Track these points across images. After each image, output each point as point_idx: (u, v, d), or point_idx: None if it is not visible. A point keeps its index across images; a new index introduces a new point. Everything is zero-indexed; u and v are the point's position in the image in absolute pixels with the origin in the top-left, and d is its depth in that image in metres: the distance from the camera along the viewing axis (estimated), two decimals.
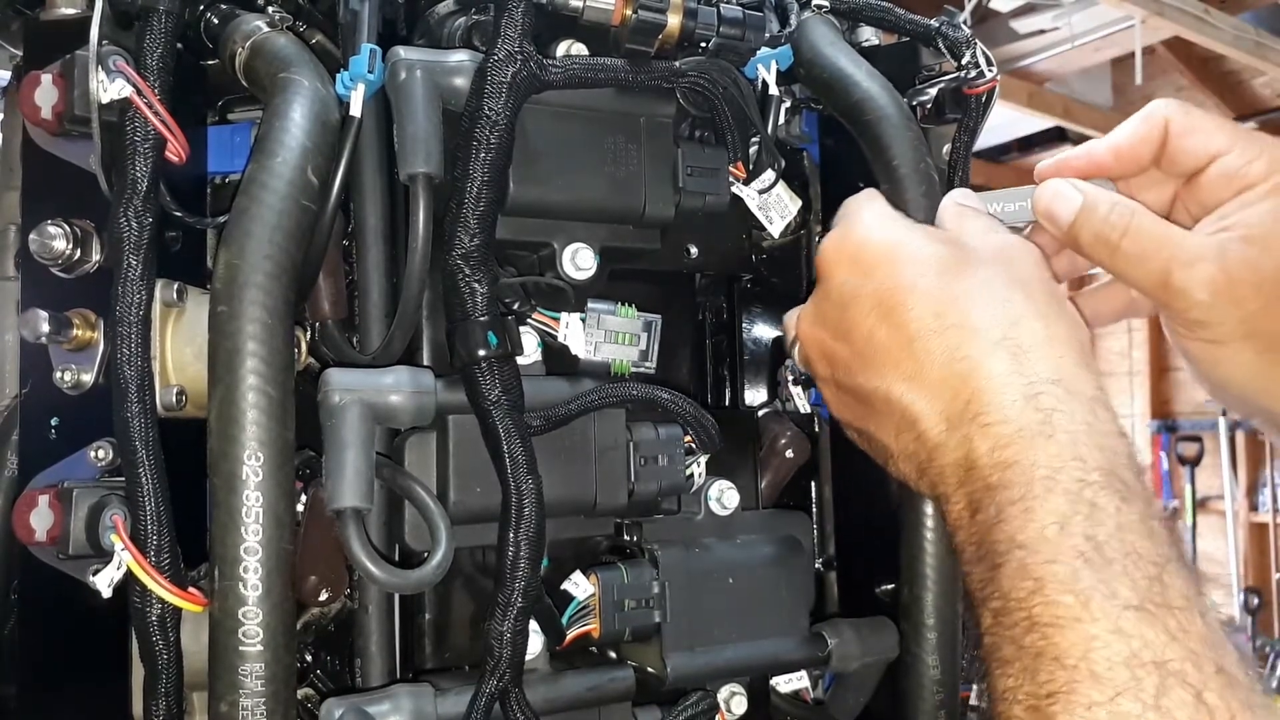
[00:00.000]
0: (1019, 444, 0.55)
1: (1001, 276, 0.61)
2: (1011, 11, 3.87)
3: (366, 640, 0.68)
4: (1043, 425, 0.55)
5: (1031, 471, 0.54)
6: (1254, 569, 5.96)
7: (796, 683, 0.84)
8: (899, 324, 0.62)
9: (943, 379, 0.60)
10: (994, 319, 0.59)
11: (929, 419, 0.60)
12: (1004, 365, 0.58)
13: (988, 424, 0.57)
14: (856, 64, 0.73)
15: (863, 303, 0.64)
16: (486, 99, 0.64)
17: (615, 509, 0.72)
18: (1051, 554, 0.52)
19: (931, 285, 0.61)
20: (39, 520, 0.64)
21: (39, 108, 0.65)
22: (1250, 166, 0.63)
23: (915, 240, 0.64)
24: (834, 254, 0.66)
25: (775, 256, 0.90)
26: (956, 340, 0.60)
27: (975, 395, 0.58)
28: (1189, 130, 0.66)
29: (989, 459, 0.56)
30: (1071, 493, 0.53)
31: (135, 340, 0.62)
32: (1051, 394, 0.56)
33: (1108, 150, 0.68)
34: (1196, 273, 0.62)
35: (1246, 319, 0.62)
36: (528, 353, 0.72)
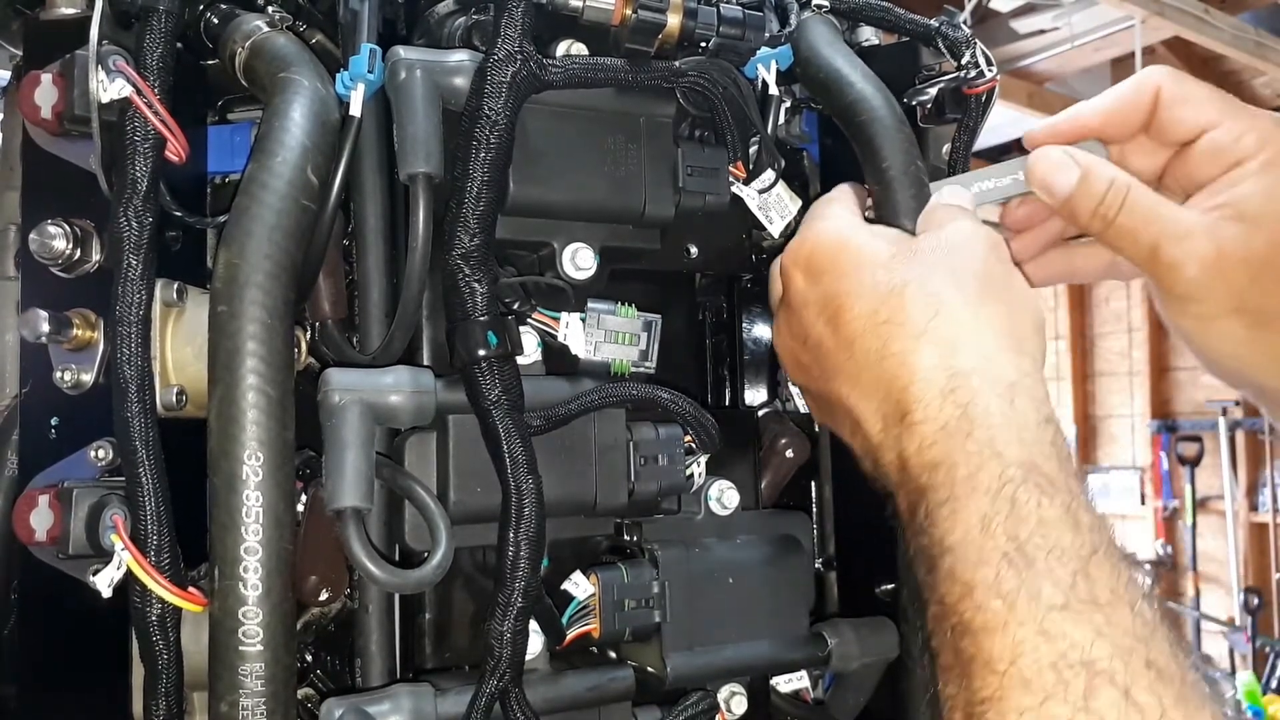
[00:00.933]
0: (941, 442, 0.56)
1: (937, 269, 0.61)
2: (1011, 11, 3.88)
3: (366, 640, 0.68)
4: (960, 421, 0.56)
5: (954, 472, 0.55)
6: (1254, 569, 5.96)
7: (796, 683, 0.84)
8: (840, 326, 0.63)
9: (876, 378, 0.60)
10: (920, 312, 0.59)
11: (869, 420, 0.61)
12: (928, 359, 0.58)
13: (913, 423, 0.57)
14: (852, 65, 0.73)
15: (812, 309, 0.65)
16: (486, 99, 0.64)
17: (615, 509, 0.72)
18: (977, 556, 0.52)
19: (868, 284, 0.62)
20: (39, 520, 0.64)
21: (39, 107, 0.65)
22: (1240, 142, 0.63)
23: (859, 241, 0.64)
24: (790, 262, 0.67)
25: (775, 256, 0.90)
26: (886, 337, 0.60)
27: (903, 393, 0.58)
28: (1180, 100, 0.66)
29: (917, 459, 0.57)
30: (991, 491, 0.53)
31: (135, 340, 0.62)
32: (967, 386, 0.56)
33: (1097, 113, 0.68)
34: (1187, 248, 0.62)
35: (1235, 294, 0.63)
36: (528, 353, 0.72)
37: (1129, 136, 0.68)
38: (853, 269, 0.63)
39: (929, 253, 0.62)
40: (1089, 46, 4.02)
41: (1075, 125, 0.68)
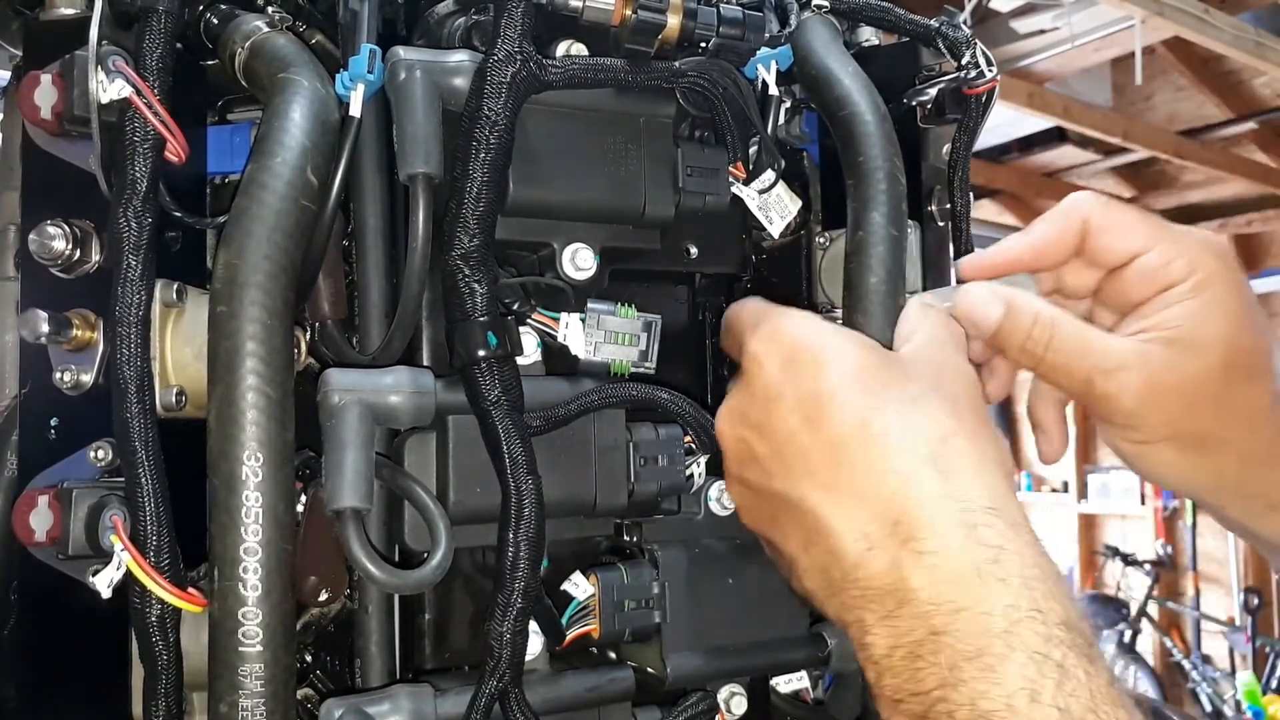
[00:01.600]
0: (966, 583, 0.51)
1: (931, 393, 0.59)
2: (1011, 11, 3.88)
3: (366, 640, 0.68)
4: (992, 565, 0.51)
5: (986, 622, 0.50)
6: (1254, 569, 5.97)
7: (796, 683, 0.84)
8: (821, 428, 0.58)
9: (864, 491, 0.56)
10: (921, 434, 0.56)
11: (847, 534, 0.56)
12: (934, 486, 0.54)
13: (922, 553, 0.53)
14: (843, 62, 0.73)
15: (786, 402, 0.60)
16: (486, 99, 0.64)
17: (615, 509, 0.72)
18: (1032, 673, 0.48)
19: (857, 393, 0.58)
20: (39, 520, 0.64)
21: (38, 108, 0.65)
22: (1170, 266, 0.63)
23: (847, 346, 0.61)
24: (763, 350, 0.63)
25: (775, 256, 0.90)
26: (881, 451, 0.56)
27: (905, 516, 0.54)
28: (1108, 228, 0.66)
29: (929, 594, 0.52)
30: (1038, 654, 0.49)
31: (135, 340, 0.62)
32: (994, 526, 0.53)
33: (1027, 247, 0.68)
34: (1121, 380, 0.62)
35: (1169, 422, 0.63)
36: (527, 353, 0.72)
37: (1060, 264, 0.68)
38: (840, 371, 0.59)
39: (920, 378, 0.60)
40: (1089, 46, 4.02)
41: (1007, 258, 0.68)
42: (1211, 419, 0.63)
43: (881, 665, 0.53)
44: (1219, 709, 5.43)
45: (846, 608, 0.56)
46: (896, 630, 0.53)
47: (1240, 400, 0.63)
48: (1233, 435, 0.64)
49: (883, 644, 0.53)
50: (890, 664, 0.53)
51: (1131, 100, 5.36)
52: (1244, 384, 0.63)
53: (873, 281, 0.66)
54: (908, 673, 0.52)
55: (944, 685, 0.50)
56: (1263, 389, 0.64)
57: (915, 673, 0.51)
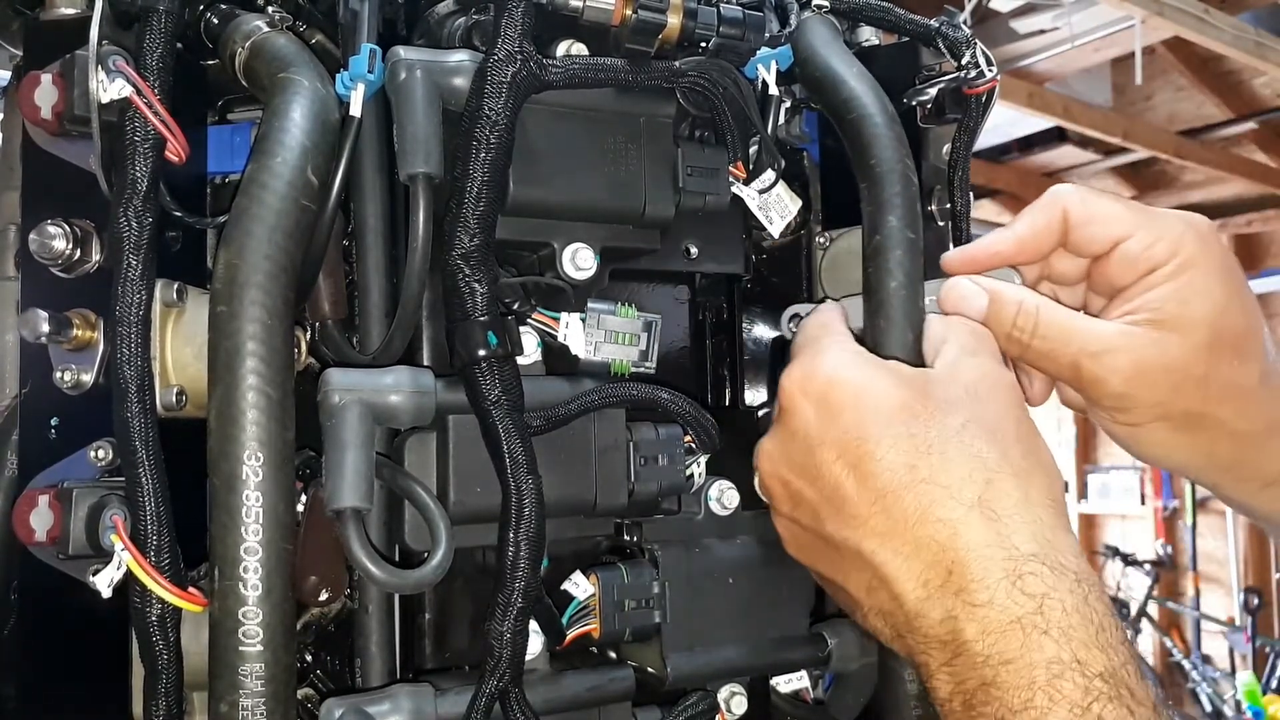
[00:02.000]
0: (1013, 636, 0.53)
1: (974, 425, 0.59)
2: (1011, 11, 3.88)
3: (366, 640, 0.68)
4: (1035, 617, 0.53)
5: (1031, 674, 0.52)
6: (1254, 569, 5.97)
7: (796, 683, 0.84)
8: (867, 475, 0.59)
9: (918, 541, 0.57)
10: (966, 476, 0.57)
11: (906, 582, 0.57)
12: (982, 534, 0.56)
13: (974, 605, 0.55)
14: (847, 63, 0.73)
15: (829, 449, 0.61)
16: (486, 99, 0.64)
17: (615, 509, 0.72)
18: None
19: (900, 434, 0.59)
20: (39, 520, 0.64)
21: (39, 107, 0.65)
22: (1152, 250, 0.65)
23: (883, 384, 0.61)
24: (799, 391, 0.63)
25: (775, 256, 0.90)
26: (929, 499, 0.57)
27: (957, 566, 0.56)
28: (1089, 219, 0.67)
29: (981, 646, 0.54)
30: (1078, 707, 0.51)
31: (135, 340, 0.62)
32: (1038, 574, 0.54)
33: (1010, 241, 0.69)
34: (1107, 363, 0.63)
35: (1158, 402, 0.64)
36: (528, 353, 0.72)
37: (1043, 257, 0.70)
38: (877, 413, 0.60)
39: (960, 406, 0.60)
40: (1089, 46, 4.02)
41: (990, 253, 0.69)
42: (1200, 398, 0.64)
43: (945, 709, 0.56)
44: (1219, 709, 5.43)
45: (912, 651, 0.59)
46: (955, 677, 0.55)
47: (1228, 379, 0.64)
48: (1222, 414, 0.65)
49: (945, 689, 0.56)
50: (951, 708, 0.56)
51: (1131, 100, 5.36)
52: (1231, 363, 0.64)
53: (893, 286, 0.67)
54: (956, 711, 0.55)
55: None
56: (1250, 367, 0.65)
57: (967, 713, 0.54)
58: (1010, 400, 0.62)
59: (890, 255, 0.67)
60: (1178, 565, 6.32)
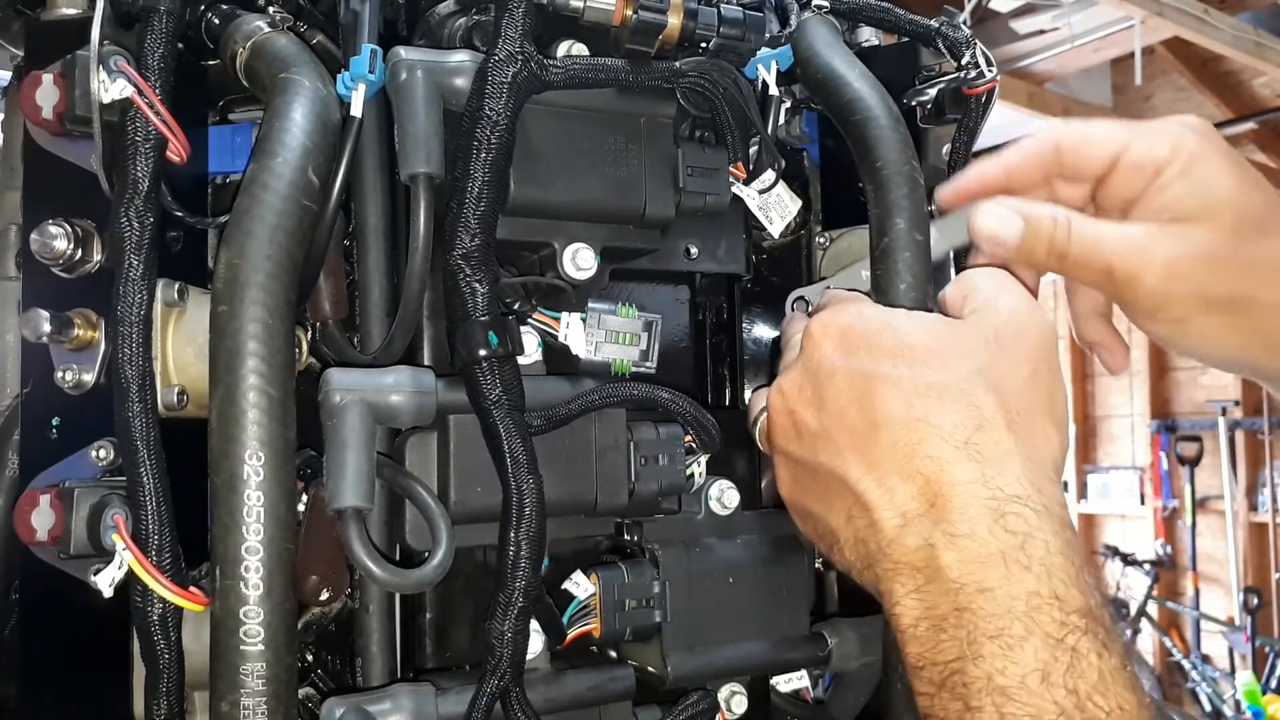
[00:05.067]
0: (993, 567, 0.53)
1: (979, 374, 0.59)
2: (1011, 11, 3.88)
3: (367, 640, 0.68)
4: (1017, 552, 0.54)
5: (1010, 604, 0.52)
6: (1254, 569, 5.97)
7: (796, 682, 0.84)
8: (870, 408, 0.60)
9: (903, 473, 0.58)
10: (960, 421, 0.58)
11: (885, 510, 0.58)
12: (967, 472, 0.56)
13: (954, 534, 0.55)
14: (850, 65, 0.73)
15: (840, 380, 0.62)
16: (487, 99, 0.64)
17: (616, 509, 0.72)
18: (1034, 708, 0.50)
19: (905, 375, 0.60)
20: (40, 520, 0.64)
21: (40, 108, 0.66)
22: (1154, 153, 0.66)
23: (905, 325, 0.62)
24: (821, 330, 0.64)
25: (775, 256, 0.90)
26: (921, 436, 0.58)
27: (939, 499, 0.56)
28: (1082, 140, 0.68)
29: (957, 573, 0.54)
30: (1053, 638, 0.51)
31: (136, 340, 0.62)
32: (1021, 515, 0.55)
33: (999, 167, 0.70)
34: (1141, 260, 0.64)
35: (1198, 291, 0.64)
36: (528, 352, 0.72)
37: (1036, 185, 0.70)
38: (893, 353, 0.61)
39: (974, 352, 0.60)
40: (1089, 46, 4.03)
41: (982, 182, 0.70)
42: (1236, 279, 0.65)
43: (907, 634, 0.56)
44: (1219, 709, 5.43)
45: (880, 578, 0.58)
46: (925, 602, 0.55)
47: (1258, 256, 0.65)
48: (1260, 291, 0.65)
49: (910, 615, 0.55)
50: (915, 634, 0.55)
51: (1131, 100, 5.36)
52: (1257, 241, 0.65)
53: (902, 288, 0.67)
54: (931, 643, 0.54)
55: (963, 658, 0.52)
56: (1276, 242, 0.65)
57: (938, 644, 0.54)
58: (1031, 350, 0.61)
59: (899, 257, 0.68)
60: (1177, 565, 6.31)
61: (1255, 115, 5.27)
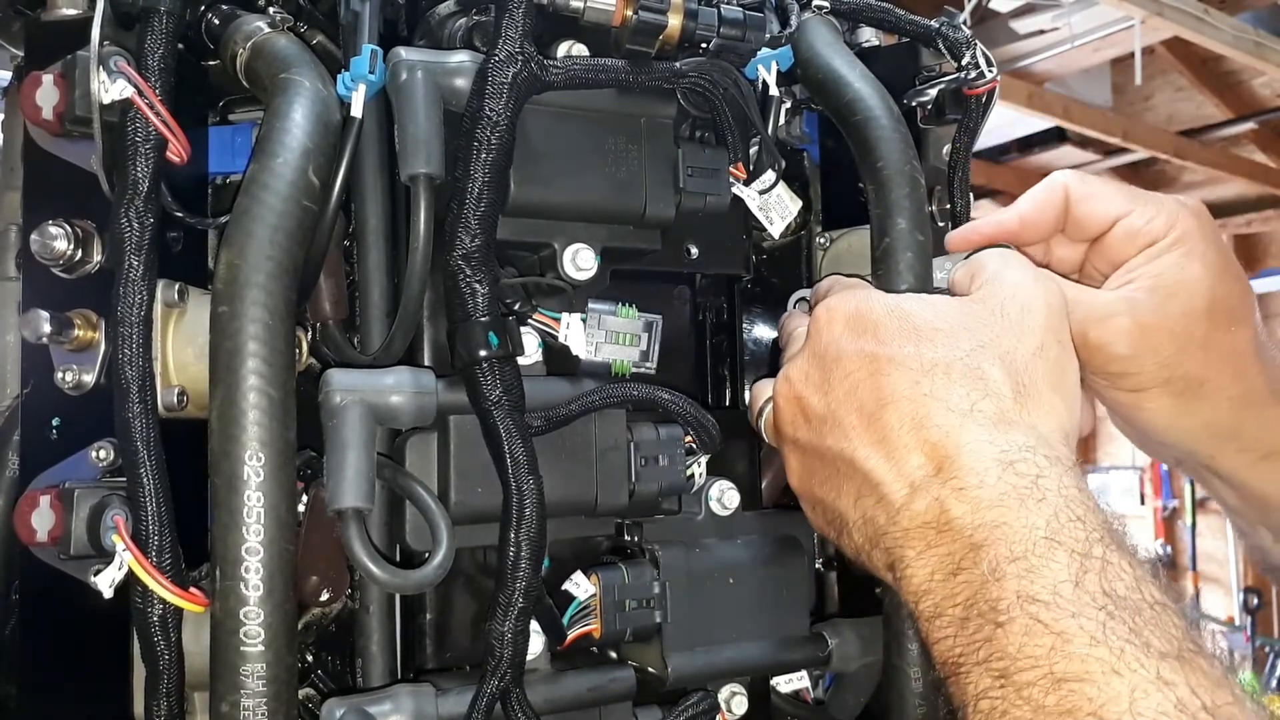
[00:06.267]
0: (1006, 507, 0.53)
1: (986, 348, 0.60)
2: (1011, 12, 3.88)
3: (367, 640, 0.68)
4: (1030, 489, 0.54)
5: (1028, 533, 0.52)
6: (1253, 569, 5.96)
7: (796, 683, 0.84)
8: (876, 388, 0.60)
9: (909, 445, 0.58)
10: (966, 392, 0.58)
11: (893, 483, 0.58)
12: (974, 433, 0.56)
13: (963, 488, 0.55)
14: (850, 65, 0.73)
15: (847, 362, 0.62)
16: (487, 100, 0.64)
17: (616, 509, 0.72)
18: (1072, 608, 0.49)
19: (911, 354, 0.60)
20: (40, 520, 0.64)
21: (40, 108, 0.66)
22: (1151, 224, 0.67)
23: (911, 307, 0.63)
24: (827, 315, 0.65)
25: (775, 257, 0.90)
26: (927, 410, 0.58)
27: (947, 462, 0.56)
28: (1089, 196, 0.69)
29: (969, 520, 0.54)
30: (1079, 551, 0.51)
31: (136, 340, 0.62)
32: (1032, 460, 0.55)
33: (1015, 218, 0.71)
34: (1111, 327, 0.65)
35: (1163, 365, 0.66)
36: (528, 353, 0.72)
37: (1046, 236, 0.71)
38: (899, 334, 0.61)
39: (979, 327, 0.61)
40: (1089, 46, 4.03)
41: (996, 229, 0.71)
42: (1201, 362, 0.66)
43: (919, 591, 0.55)
44: None
45: (888, 552, 0.58)
46: (936, 555, 0.55)
47: (1226, 343, 0.66)
48: (1222, 379, 0.67)
49: (923, 573, 0.55)
50: (929, 588, 0.55)
51: (1131, 100, 5.36)
52: (1227, 328, 0.66)
53: (903, 289, 0.68)
54: (946, 589, 0.54)
55: (985, 583, 0.52)
56: (1245, 333, 0.67)
57: (954, 586, 0.53)
58: (1038, 323, 0.61)
59: (900, 258, 0.68)
60: (1177, 565, 6.32)
61: (1255, 115, 5.27)
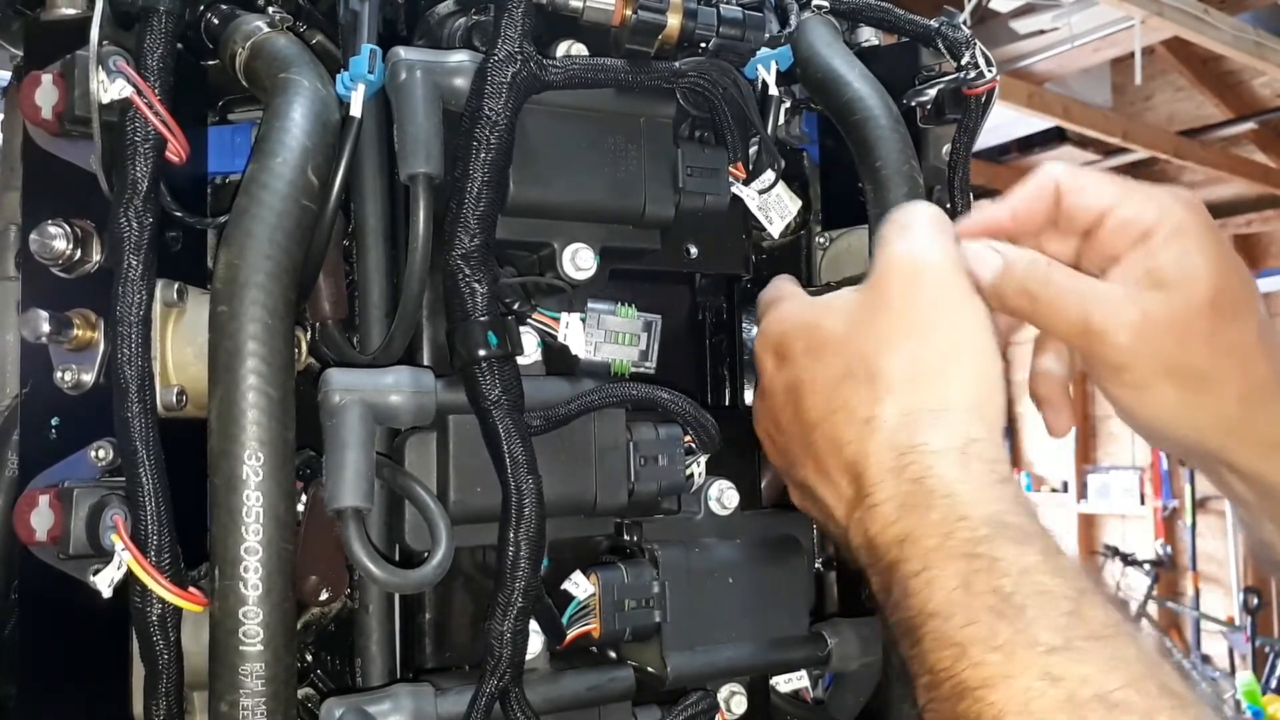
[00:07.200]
0: (904, 518, 0.56)
1: (882, 343, 0.61)
2: (1011, 12, 3.87)
3: (367, 640, 0.68)
4: (918, 494, 0.56)
5: (923, 543, 0.55)
6: (1254, 569, 5.97)
7: (796, 682, 0.84)
8: (802, 413, 0.64)
9: (837, 467, 0.62)
10: (866, 397, 0.60)
11: (835, 506, 0.62)
12: (876, 443, 0.59)
13: (873, 505, 0.58)
14: (850, 64, 0.73)
15: (780, 396, 0.66)
16: (487, 99, 0.64)
17: (615, 509, 0.72)
18: (964, 617, 0.51)
19: (822, 370, 0.63)
20: (39, 520, 0.64)
21: (39, 108, 0.66)
22: (1144, 216, 0.66)
23: (819, 319, 0.65)
24: (760, 347, 0.69)
25: (775, 257, 0.90)
26: (839, 427, 0.61)
27: (859, 478, 0.59)
28: (1079, 188, 0.68)
29: (882, 538, 0.57)
30: (966, 553, 0.53)
31: (135, 340, 0.62)
32: (918, 461, 0.57)
33: (1006, 212, 0.70)
34: (1114, 316, 0.64)
35: (1166, 358, 0.65)
36: (528, 353, 0.72)
37: (1037, 230, 0.71)
38: (808, 352, 0.64)
39: (878, 315, 0.62)
40: (1089, 46, 4.02)
41: (986, 223, 0.71)
42: (1205, 355, 0.65)
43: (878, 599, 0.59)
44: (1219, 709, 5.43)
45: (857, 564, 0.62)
46: (873, 573, 0.59)
47: (1230, 335, 0.65)
48: (1227, 372, 0.66)
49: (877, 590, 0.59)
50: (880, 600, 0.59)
51: (1131, 100, 5.36)
52: (1231, 320, 0.65)
53: None
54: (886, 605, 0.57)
55: (901, 604, 0.55)
56: (1249, 325, 0.66)
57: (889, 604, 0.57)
58: (926, 299, 0.62)
59: None
60: (1177, 565, 6.32)
61: (1255, 115, 5.27)
